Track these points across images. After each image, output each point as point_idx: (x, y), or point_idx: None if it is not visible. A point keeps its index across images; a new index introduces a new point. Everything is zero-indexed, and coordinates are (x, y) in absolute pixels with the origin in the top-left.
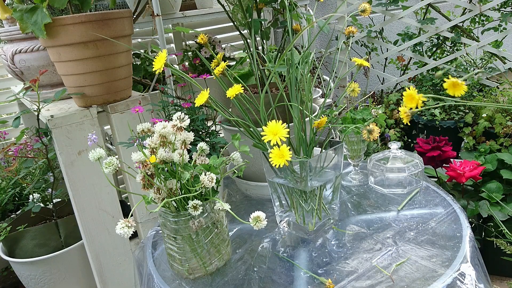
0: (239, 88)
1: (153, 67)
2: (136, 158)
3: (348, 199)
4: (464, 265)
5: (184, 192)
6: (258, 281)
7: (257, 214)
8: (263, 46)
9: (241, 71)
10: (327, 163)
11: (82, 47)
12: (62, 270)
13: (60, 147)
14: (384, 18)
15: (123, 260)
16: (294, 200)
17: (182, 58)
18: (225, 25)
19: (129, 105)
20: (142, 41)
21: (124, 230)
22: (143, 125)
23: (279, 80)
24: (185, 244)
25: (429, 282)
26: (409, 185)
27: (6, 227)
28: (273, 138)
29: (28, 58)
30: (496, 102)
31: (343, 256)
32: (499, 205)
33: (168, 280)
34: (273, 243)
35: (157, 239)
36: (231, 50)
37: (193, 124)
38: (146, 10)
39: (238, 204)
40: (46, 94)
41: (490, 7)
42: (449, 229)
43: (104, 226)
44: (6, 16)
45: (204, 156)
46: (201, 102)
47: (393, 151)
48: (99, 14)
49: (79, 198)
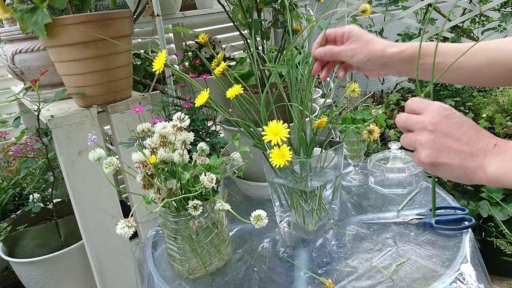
0: (239, 88)
1: (153, 67)
2: (136, 158)
3: (348, 199)
4: (464, 265)
5: (184, 192)
6: (258, 281)
7: (258, 213)
8: (263, 46)
9: (241, 71)
10: (327, 163)
11: (82, 47)
12: (62, 270)
13: (60, 147)
14: (384, 18)
15: (123, 260)
16: (294, 200)
17: (182, 58)
18: (225, 25)
19: (129, 105)
20: (142, 41)
21: (124, 230)
22: (143, 125)
23: (279, 80)
24: (185, 244)
25: (429, 282)
26: (409, 185)
27: (6, 227)
28: (273, 138)
29: (28, 58)
30: (496, 102)
31: (343, 256)
32: (499, 205)
33: (168, 280)
34: (273, 243)
35: (157, 239)
36: (231, 50)
37: (193, 124)
38: (146, 10)
39: (238, 204)
40: (46, 94)
41: (490, 7)
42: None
43: (104, 226)
44: (6, 16)
45: (204, 156)
46: (201, 103)
47: (393, 151)
48: (99, 14)
49: (79, 198)
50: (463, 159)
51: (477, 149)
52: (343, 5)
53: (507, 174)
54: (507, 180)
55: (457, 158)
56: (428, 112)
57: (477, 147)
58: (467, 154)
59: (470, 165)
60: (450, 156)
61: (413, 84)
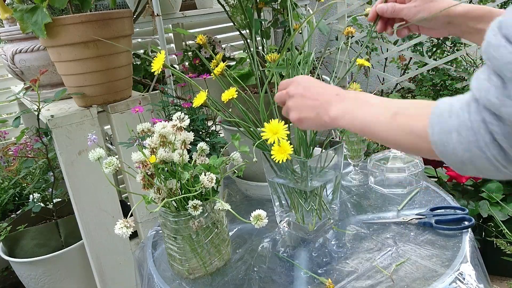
0: (233, 92)
1: (152, 67)
2: (136, 158)
3: (348, 199)
4: (464, 265)
5: (184, 192)
6: (258, 281)
7: (258, 213)
8: (263, 46)
9: (241, 71)
10: (327, 163)
11: (82, 47)
12: (62, 270)
13: (60, 147)
14: None
15: (123, 260)
16: (294, 200)
17: (182, 58)
18: (225, 25)
19: (129, 105)
20: (142, 41)
21: (123, 230)
22: (143, 125)
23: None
24: (185, 244)
25: (429, 282)
26: (409, 185)
27: (6, 227)
28: (272, 136)
29: (28, 58)
30: None
31: (343, 256)
32: (499, 205)
33: (168, 280)
34: (273, 243)
35: (157, 239)
36: (231, 50)
37: (193, 124)
38: (146, 10)
39: (238, 204)
40: (46, 94)
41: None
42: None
43: (104, 226)
44: (6, 16)
45: (204, 156)
46: (198, 104)
47: (393, 151)
48: (99, 14)
49: (79, 198)
50: (316, 111)
51: (325, 100)
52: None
53: (341, 117)
54: (343, 120)
55: (313, 111)
56: (291, 85)
57: (324, 98)
58: (318, 106)
59: (321, 114)
60: (308, 111)
61: (413, 84)
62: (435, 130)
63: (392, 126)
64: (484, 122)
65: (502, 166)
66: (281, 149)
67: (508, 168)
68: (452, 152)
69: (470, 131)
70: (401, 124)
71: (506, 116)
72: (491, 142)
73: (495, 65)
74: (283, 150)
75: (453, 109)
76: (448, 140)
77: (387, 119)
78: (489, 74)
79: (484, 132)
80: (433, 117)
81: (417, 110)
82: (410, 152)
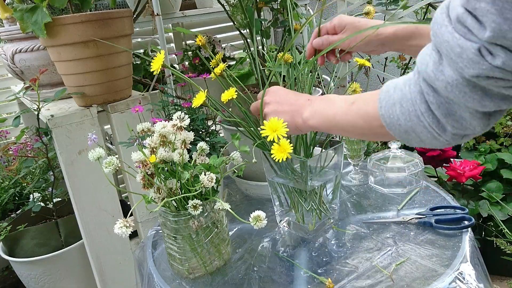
0: (232, 92)
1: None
2: (136, 158)
3: (348, 199)
4: (464, 265)
5: (184, 192)
6: (258, 281)
7: (257, 214)
8: (263, 46)
9: (241, 71)
10: (327, 162)
11: (82, 47)
12: (62, 269)
13: (60, 146)
14: (384, 18)
15: (123, 260)
16: (294, 200)
17: (182, 58)
18: (225, 24)
19: (129, 104)
20: (142, 41)
21: (122, 230)
22: (143, 124)
23: (280, 79)
24: (185, 244)
25: (429, 282)
26: (409, 185)
27: (6, 226)
28: (272, 134)
29: (28, 57)
30: None
31: (343, 255)
32: (499, 204)
33: (168, 280)
34: (273, 243)
35: (157, 238)
36: (231, 50)
37: (193, 123)
38: (146, 9)
39: (238, 203)
40: (46, 94)
41: None
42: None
43: (104, 225)
44: (6, 16)
45: (204, 155)
46: (198, 104)
47: (393, 151)
48: (99, 13)
49: (79, 198)
50: (291, 115)
51: (298, 105)
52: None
53: (311, 117)
54: (313, 119)
55: (288, 116)
56: (267, 95)
57: (298, 103)
58: (293, 111)
59: (296, 117)
60: (284, 115)
61: None
62: (382, 104)
63: (350, 112)
64: (421, 93)
65: (437, 134)
66: (281, 148)
67: (442, 136)
68: (396, 122)
69: (409, 102)
70: (356, 109)
71: (439, 88)
72: (426, 111)
73: (437, 41)
74: (283, 149)
75: (398, 85)
76: (393, 111)
77: (345, 108)
78: (431, 49)
79: (420, 102)
80: (381, 93)
81: (372, 96)
82: (368, 136)
